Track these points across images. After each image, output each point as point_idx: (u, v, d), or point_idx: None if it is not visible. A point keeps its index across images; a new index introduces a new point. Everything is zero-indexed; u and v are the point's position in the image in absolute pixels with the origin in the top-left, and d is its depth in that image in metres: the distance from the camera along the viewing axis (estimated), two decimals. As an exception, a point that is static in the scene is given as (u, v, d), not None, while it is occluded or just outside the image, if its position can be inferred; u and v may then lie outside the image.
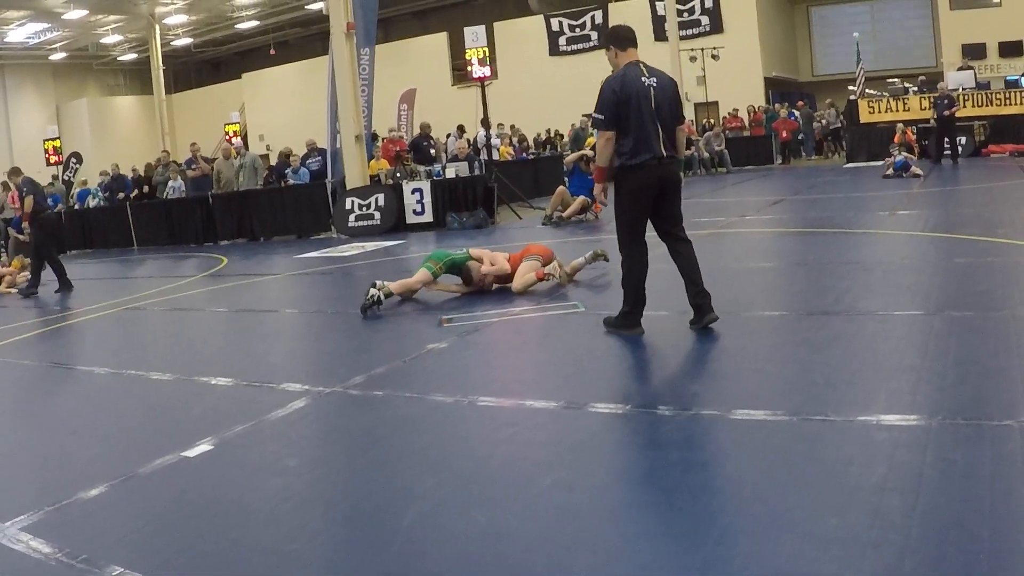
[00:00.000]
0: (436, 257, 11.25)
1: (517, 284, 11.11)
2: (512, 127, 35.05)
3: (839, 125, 37.68)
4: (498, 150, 28.56)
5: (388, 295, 10.90)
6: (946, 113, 28.14)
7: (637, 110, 7.94)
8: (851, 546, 3.91)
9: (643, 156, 8.00)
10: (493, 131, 28.72)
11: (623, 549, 4.13)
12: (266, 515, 4.88)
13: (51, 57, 55.34)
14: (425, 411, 6.61)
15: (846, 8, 48.84)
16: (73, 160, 39.68)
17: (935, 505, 4.23)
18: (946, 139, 28.22)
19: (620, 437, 5.84)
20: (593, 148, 19.81)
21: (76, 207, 30.16)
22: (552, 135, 40.05)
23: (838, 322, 8.30)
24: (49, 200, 30.03)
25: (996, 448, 4.84)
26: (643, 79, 8.03)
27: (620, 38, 8.36)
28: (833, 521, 4.15)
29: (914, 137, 28.54)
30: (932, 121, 28.81)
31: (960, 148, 29.79)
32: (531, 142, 37.08)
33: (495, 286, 11.31)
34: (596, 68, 46.16)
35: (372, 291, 10.84)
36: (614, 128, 8.01)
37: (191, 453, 5.97)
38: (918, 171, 24.05)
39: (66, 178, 36.78)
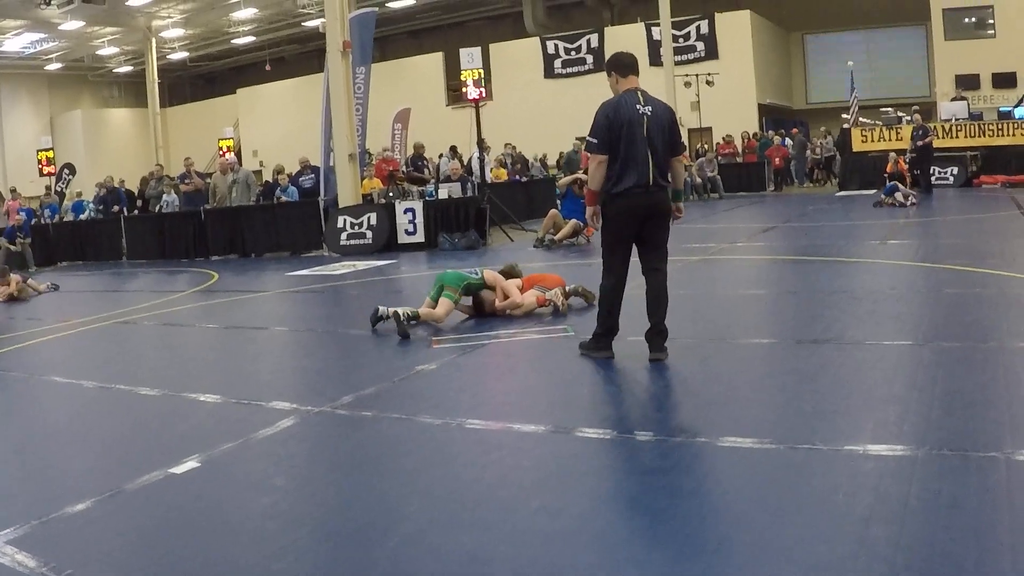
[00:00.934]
0: (452, 283, 10.97)
1: (516, 306, 11.13)
2: (512, 147, 34.99)
3: (833, 153, 37.81)
4: (491, 171, 28.51)
5: (415, 317, 10.78)
6: (919, 143, 28.29)
7: (628, 137, 8.02)
8: (838, 574, 3.93)
9: (628, 183, 8.07)
10: (491, 153, 28.75)
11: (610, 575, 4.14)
12: (252, 533, 4.89)
13: (47, 67, 55.35)
14: (413, 432, 6.62)
15: (841, 36, 49.02)
16: (66, 171, 39.70)
17: (920, 535, 4.26)
18: (919, 169, 28.26)
19: (607, 462, 5.86)
20: (587, 171, 19.89)
21: (70, 219, 30.12)
22: (541, 159, 40.02)
23: (827, 351, 8.32)
24: (47, 210, 30.17)
25: (982, 479, 4.87)
26: (638, 107, 8.10)
27: (622, 65, 8.47)
28: (820, 549, 4.18)
29: (906, 167, 28.64)
30: (909, 154, 28.92)
31: (952, 178, 29.95)
32: (530, 163, 36.97)
33: (500, 306, 11.29)
34: (591, 91, 46.22)
35: (400, 311, 10.63)
36: (607, 152, 8.07)
37: (178, 470, 5.97)
38: (903, 199, 24.12)
39: (58, 189, 36.76)
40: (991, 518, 4.41)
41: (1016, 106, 32.42)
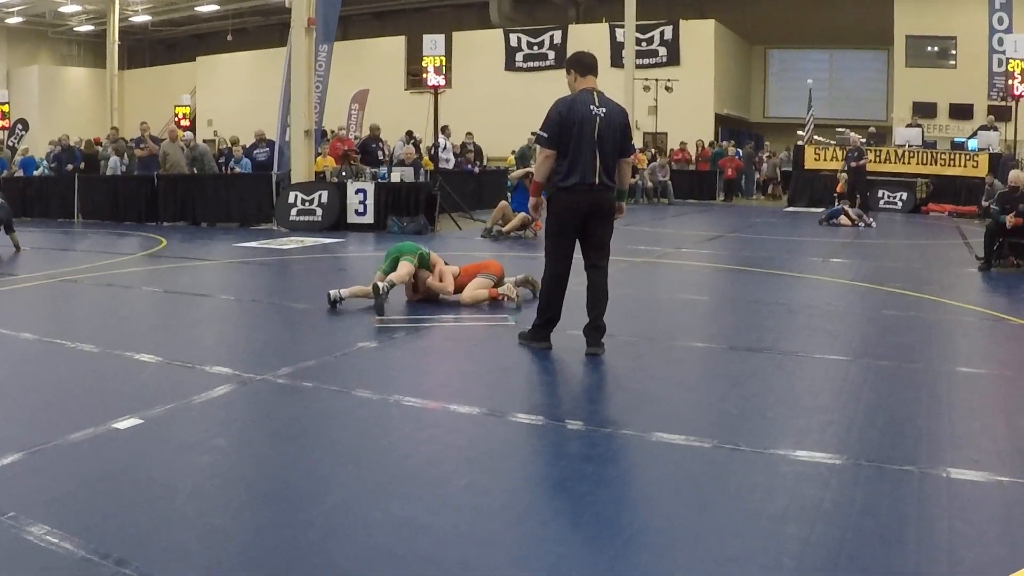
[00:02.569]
0: (410, 251, 11.10)
1: (467, 296, 11.19)
2: (471, 136, 34.80)
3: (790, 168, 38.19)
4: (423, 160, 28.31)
5: (391, 285, 10.69)
6: (854, 164, 28.60)
7: (578, 135, 8.18)
8: (746, 566, 4.13)
9: (574, 180, 8.22)
10: (443, 139, 28.74)
11: (531, 550, 4.33)
12: (191, 490, 5.01)
13: (7, 20, 54.70)
14: (350, 406, 6.76)
15: (806, 53, 49.34)
16: (19, 126, 39.32)
17: (830, 536, 4.46)
18: (855, 190, 28.51)
19: (537, 447, 6.03)
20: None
21: (19, 175, 29.86)
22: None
23: (759, 359, 8.52)
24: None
25: (894, 491, 5.07)
26: (592, 107, 8.27)
27: (582, 64, 8.64)
28: (732, 542, 4.38)
29: (842, 188, 28.95)
30: (841, 173, 29.20)
31: (900, 203, 30.34)
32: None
33: (440, 296, 11.38)
34: (550, 87, 46.16)
35: (333, 292, 10.79)
36: (555, 147, 8.25)
37: (121, 425, 6.07)
38: (857, 220, 24.47)
39: (10, 144, 36.42)
40: (900, 527, 4.61)
41: (970, 138, 32.80)
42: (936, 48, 42.33)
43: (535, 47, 47.83)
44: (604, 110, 8.31)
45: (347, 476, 5.24)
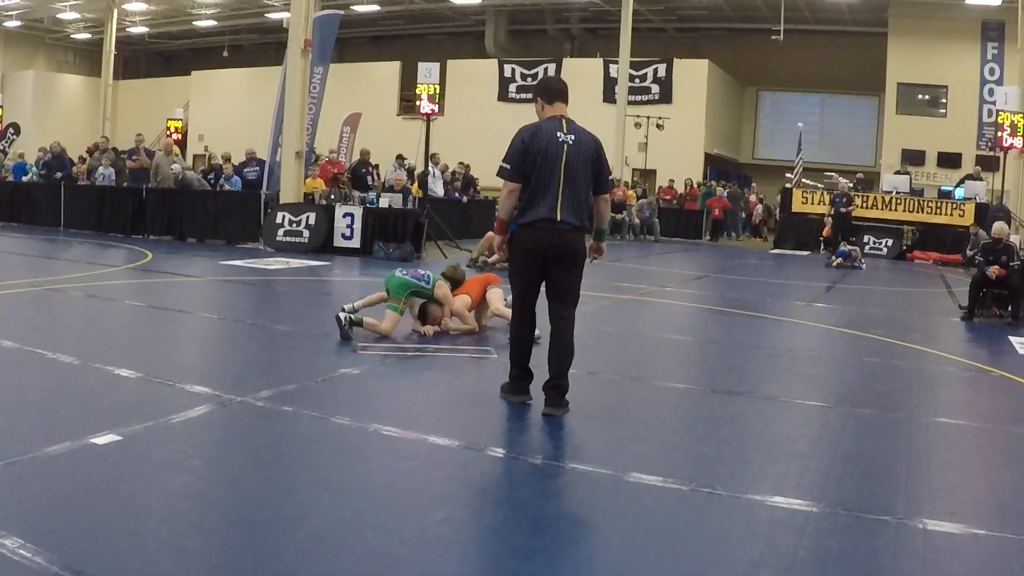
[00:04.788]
0: (395, 292, 10.84)
1: (495, 309, 11.39)
2: (464, 165, 34.70)
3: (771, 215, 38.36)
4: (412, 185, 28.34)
5: (359, 323, 10.70)
6: (843, 210, 28.69)
7: (543, 166, 7.42)
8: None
9: (534, 216, 7.48)
10: (433, 166, 28.78)
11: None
12: (166, 511, 5.00)
13: (4, 23, 54.66)
14: (329, 432, 6.74)
15: (796, 97, 49.58)
16: (11, 131, 39.23)
17: (804, 585, 4.45)
18: (839, 235, 28.59)
19: (514, 483, 6.00)
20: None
21: (9, 179, 29.79)
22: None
23: (739, 402, 8.53)
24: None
25: (870, 540, 5.08)
26: (559, 134, 7.50)
27: (549, 90, 7.86)
28: (705, 588, 4.36)
29: (828, 232, 29.12)
30: (827, 218, 29.31)
31: (886, 250, 30.45)
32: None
33: (452, 327, 11.35)
34: (542, 120, 46.59)
35: (342, 314, 10.65)
36: (519, 180, 7.49)
37: (99, 440, 6.04)
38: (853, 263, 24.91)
39: (2, 148, 36.35)
40: (874, 577, 4.62)
41: (957, 187, 32.98)
42: (927, 96, 42.61)
43: (529, 79, 47.91)
44: (573, 137, 7.53)
45: (323, 504, 5.22)
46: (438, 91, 25.76)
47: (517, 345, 7.90)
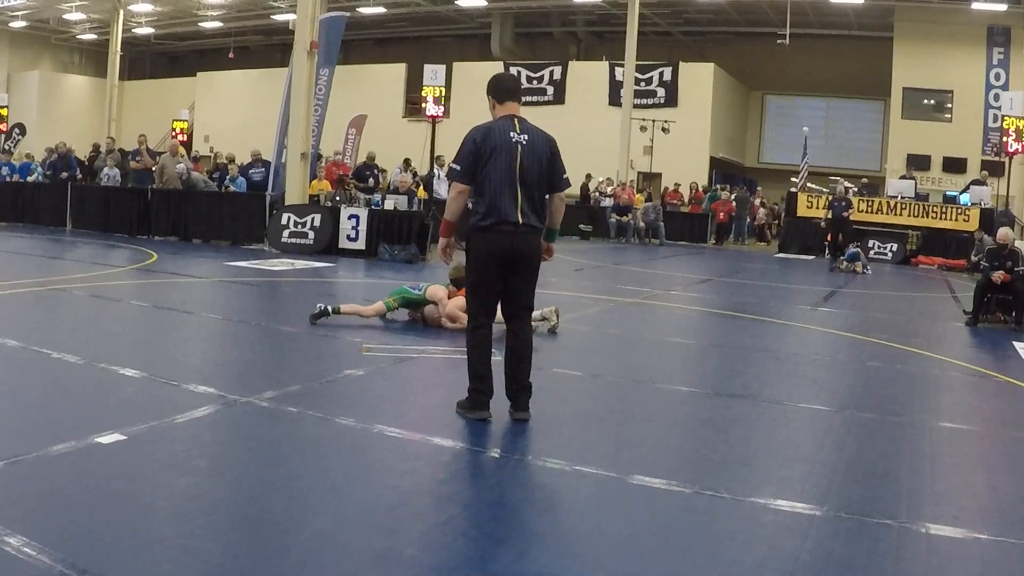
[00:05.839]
0: (392, 294, 11.49)
1: None
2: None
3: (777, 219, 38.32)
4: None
5: (336, 311, 11.25)
6: (844, 215, 28.62)
7: (496, 167, 7.22)
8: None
9: (493, 219, 7.24)
10: (438, 168, 28.80)
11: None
12: (171, 510, 5.02)
13: (10, 24, 54.68)
14: (333, 433, 6.76)
15: (803, 101, 49.56)
16: (16, 131, 39.26)
17: (806, 589, 4.46)
18: (839, 239, 28.50)
19: (518, 484, 6.00)
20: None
21: (15, 179, 29.74)
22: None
23: (743, 406, 8.54)
24: (4, 168, 29.73)
25: (873, 544, 5.08)
26: (512, 134, 7.31)
27: (500, 89, 7.64)
28: (709, 590, 4.37)
29: (829, 238, 29.11)
30: (824, 223, 29.28)
31: (891, 254, 30.41)
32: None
33: (449, 326, 11.43)
34: (548, 122, 46.38)
35: (320, 306, 11.27)
36: (469, 182, 7.27)
37: (104, 440, 6.06)
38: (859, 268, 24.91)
39: (7, 147, 36.35)
40: (876, 581, 4.63)
41: (962, 192, 32.93)
42: (932, 101, 42.63)
43: (535, 81, 47.95)
44: (527, 137, 7.35)
45: (327, 504, 5.23)
46: (444, 94, 25.81)
47: (478, 353, 7.46)
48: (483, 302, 7.48)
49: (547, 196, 7.60)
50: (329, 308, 11.32)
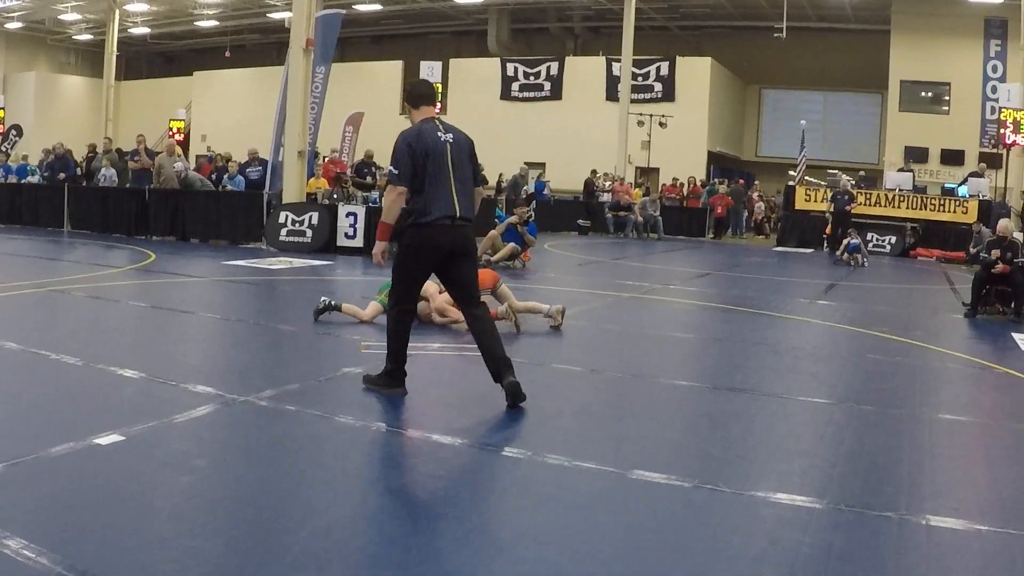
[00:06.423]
0: (383, 289, 11.33)
1: (519, 306, 11.65)
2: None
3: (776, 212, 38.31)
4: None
5: (337, 308, 11.35)
6: (847, 208, 28.59)
7: (434, 166, 7.62)
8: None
9: (436, 214, 7.61)
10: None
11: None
12: (170, 510, 5.02)
13: (6, 25, 54.58)
14: (332, 431, 6.76)
15: (800, 94, 49.57)
16: (13, 132, 39.24)
17: (807, 582, 4.46)
18: (839, 232, 28.50)
19: (517, 480, 5.98)
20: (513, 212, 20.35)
21: (12, 181, 29.69)
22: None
23: (742, 400, 8.53)
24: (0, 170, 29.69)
25: (874, 537, 5.08)
26: (439, 134, 7.76)
27: (415, 95, 8.13)
28: (708, 585, 4.37)
29: (829, 231, 29.13)
30: (827, 214, 29.28)
31: (889, 247, 30.41)
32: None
33: (438, 320, 11.47)
34: (545, 118, 46.72)
35: (323, 300, 11.37)
36: (408, 184, 7.61)
37: (102, 441, 6.05)
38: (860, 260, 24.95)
39: (4, 149, 36.33)
40: (878, 574, 4.66)
41: (960, 184, 32.94)
42: (930, 93, 42.62)
43: (531, 77, 47.97)
44: (452, 136, 7.83)
45: (326, 503, 5.23)
46: (440, 90, 25.74)
47: (399, 339, 7.93)
48: (410, 291, 7.95)
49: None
50: (332, 303, 11.35)
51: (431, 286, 11.51)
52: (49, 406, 7.16)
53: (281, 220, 22.01)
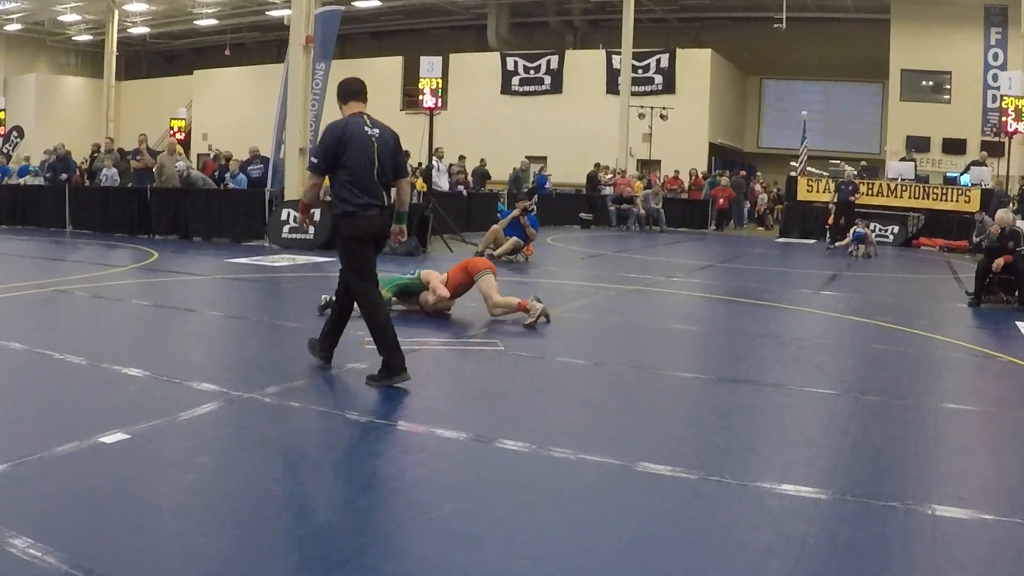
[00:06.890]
0: (386, 284, 11.38)
1: (496, 304, 11.53)
2: (464, 159, 34.86)
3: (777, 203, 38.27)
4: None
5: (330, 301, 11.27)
6: (851, 198, 28.53)
7: (359, 158, 8.03)
8: (728, 601, 4.11)
9: (365, 202, 8.05)
10: (437, 160, 28.83)
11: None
12: (175, 508, 5.02)
13: (6, 27, 54.57)
14: (337, 427, 6.78)
15: (801, 85, 49.49)
16: (14, 134, 39.24)
17: (814, 572, 4.49)
18: (841, 221, 28.41)
19: (523, 474, 5.97)
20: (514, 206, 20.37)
21: (14, 182, 29.69)
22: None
23: (746, 391, 8.52)
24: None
25: (879, 527, 5.08)
26: (366, 128, 8.15)
27: (346, 91, 8.47)
28: (716, 575, 4.35)
29: (832, 220, 29.08)
30: (831, 205, 29.25)
31: (892, 237, 30.38)
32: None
33: (432, 300, 11.50)
34: (545, 111, 46.68)
35: (326, 296, 11.33)
36: (324, 175, 8.21)
37: (107, 439, 6.05)
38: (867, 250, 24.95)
39: (5, 151, 36.33)
40: (883, 564, 4.63)
41: (962, 173, 32.89)
42: (931, 82, 42.61)
43: (531, 71, 47.95)
44: (377, 131, 8.22)
45: (331, 498, 5.24)
46: (440, 85, 25.75)
47: (378, 322, 8.25)
48: (367, 277, 8.32)
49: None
50: (332, 298, 11.37)
51: (435, 275, 11.56)
52: (53, 405, 7.17)
53: (283, 217, 21.98)
